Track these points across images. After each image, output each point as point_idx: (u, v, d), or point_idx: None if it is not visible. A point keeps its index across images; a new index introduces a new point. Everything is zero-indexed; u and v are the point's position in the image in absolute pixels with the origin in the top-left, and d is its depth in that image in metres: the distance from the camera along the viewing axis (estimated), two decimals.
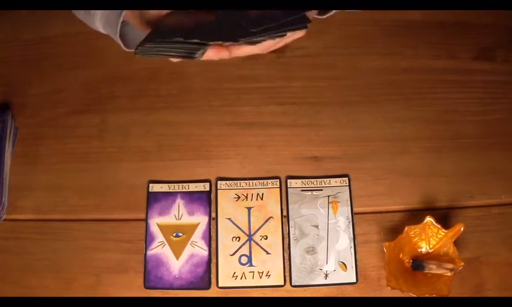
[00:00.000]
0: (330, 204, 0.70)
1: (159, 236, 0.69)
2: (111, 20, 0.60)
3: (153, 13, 0.54)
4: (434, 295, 0.61)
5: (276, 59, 0.78)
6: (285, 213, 0.70)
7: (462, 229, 0.63)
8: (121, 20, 0.58)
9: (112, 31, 0.61)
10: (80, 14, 0.65)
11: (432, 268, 0.63)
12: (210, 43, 0.49)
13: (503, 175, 0.71)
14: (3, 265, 0.69)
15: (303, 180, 0.71)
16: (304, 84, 0.77)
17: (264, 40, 0.50)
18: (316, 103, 0.75)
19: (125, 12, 0.58)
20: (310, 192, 0.71)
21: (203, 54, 0.50)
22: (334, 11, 0.65)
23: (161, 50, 0.50)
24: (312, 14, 0.57)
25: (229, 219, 0.70)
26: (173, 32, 0.50)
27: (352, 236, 0.68)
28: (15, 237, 0.70)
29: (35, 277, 0.68)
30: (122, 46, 0.62)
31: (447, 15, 0.79)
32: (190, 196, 0.71)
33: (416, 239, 0.65)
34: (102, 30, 0.63)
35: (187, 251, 0.68)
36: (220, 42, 0.49)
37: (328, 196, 0.70)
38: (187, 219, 0.70)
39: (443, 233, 0.64)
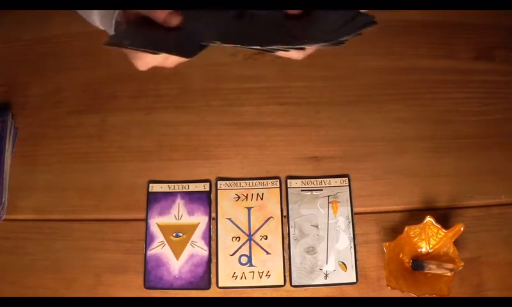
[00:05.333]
0: (330, 204, 0.70)
1: (159, 236, 0.69)
2: (106, 16, 0.60)
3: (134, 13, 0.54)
4: (434, 295, 0.61)
5: (276, 59, 0.77)
6: (285, 213, 0.70)
7: (462, 229, 0.63)
8: (115, 16, 0.59)
9: (107, 27, 0.61)
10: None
11: (432, 268, 0.63)
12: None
13: (503, 175, 0.71)
14: (3, 265, 0.69)
15: (303, 180, 0.71)
16: (304, 84, 0.77)
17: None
18: (316, 103, 0.75)
19: (118, 11, 0.58)
20: (310, 192, 0.71)
21: None
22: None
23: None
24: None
25: (229, 219, 0.70)
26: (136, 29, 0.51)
27: (352, 236, 0.68)
28: (15, 237, 0.70)
29: (35, 277, 0.68)
30: None
31: (447, 15, 0.79)
32: (190, 196, 0.71)
33: (416, 239, 0.65)
34: (99, 24, 0.63)
35: (187, 251, 0.68)
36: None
37: (328, 196, 0.70)
38: (187, 219, 0.70)
39: (443, 233, 0.64)
